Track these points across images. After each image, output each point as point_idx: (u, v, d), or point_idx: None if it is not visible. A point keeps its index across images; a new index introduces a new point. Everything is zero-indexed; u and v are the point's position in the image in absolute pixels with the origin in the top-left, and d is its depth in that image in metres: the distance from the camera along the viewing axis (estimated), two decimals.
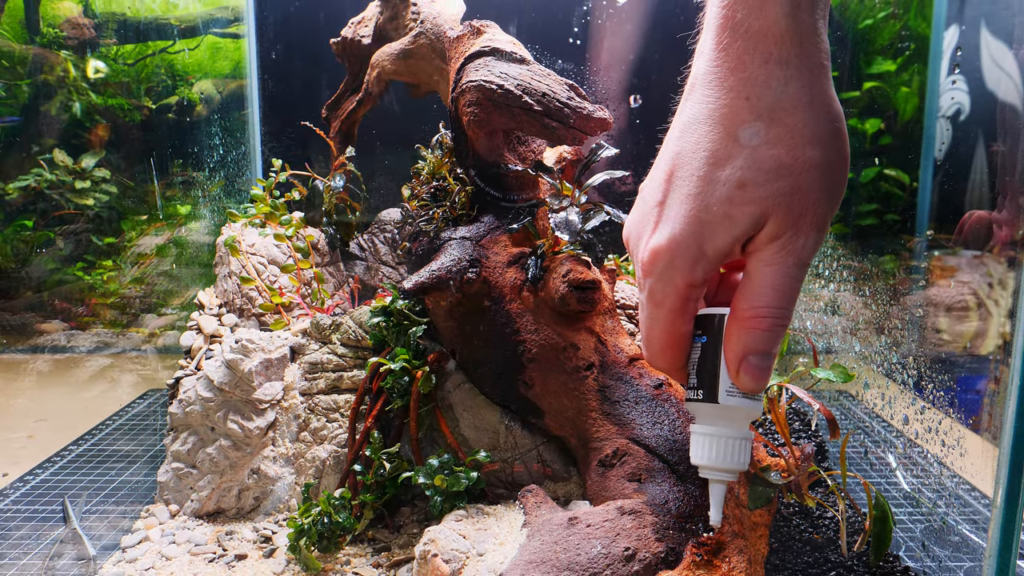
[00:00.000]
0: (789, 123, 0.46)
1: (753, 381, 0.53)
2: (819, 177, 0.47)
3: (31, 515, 1.17)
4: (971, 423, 1.03)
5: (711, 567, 0.76)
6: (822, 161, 0.47)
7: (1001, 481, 0.75)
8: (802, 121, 0.46)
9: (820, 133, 0.47)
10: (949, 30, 1.43)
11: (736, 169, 0.47)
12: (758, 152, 0.47)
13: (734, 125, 0.47)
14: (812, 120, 0.46)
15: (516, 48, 1.07)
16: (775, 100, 0.46)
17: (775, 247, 0.48)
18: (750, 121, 0.47)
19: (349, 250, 1.57)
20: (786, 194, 0.47)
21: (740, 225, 0.48)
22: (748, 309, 0.50)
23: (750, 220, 0.48)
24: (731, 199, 0.47)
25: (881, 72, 1.63)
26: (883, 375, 1.26)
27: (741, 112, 0.47)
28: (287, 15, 1.85)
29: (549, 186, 1.06)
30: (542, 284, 0.99)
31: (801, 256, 0.49)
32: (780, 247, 0.48)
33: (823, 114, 0.47)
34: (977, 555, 0.99)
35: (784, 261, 0.48)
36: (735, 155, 0.47)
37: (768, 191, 0.47)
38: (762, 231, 0.48)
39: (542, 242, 1.03)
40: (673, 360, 0.56)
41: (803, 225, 0.48)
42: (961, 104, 1.38)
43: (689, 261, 0.50)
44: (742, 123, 0.47)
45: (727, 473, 0.61)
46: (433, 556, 0.81)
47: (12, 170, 1.96)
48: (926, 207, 1.50)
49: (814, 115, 0.46)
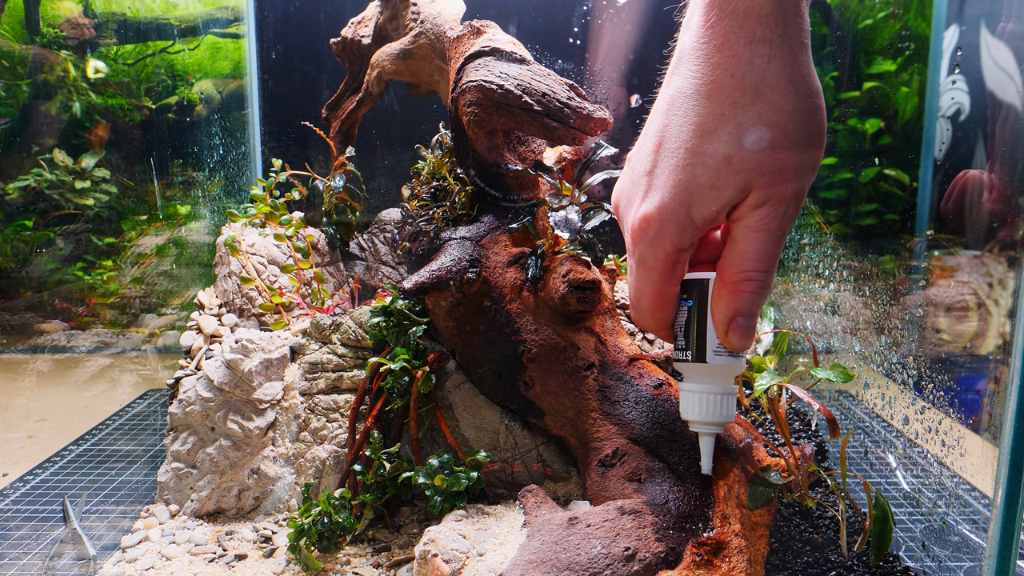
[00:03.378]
0: (772, 98, 0.49)
1: (741, 340, 0.57)
2: (800, 148, 0.50)
3: (31, 515, 1.17)
4: (971, 423, 1.03)
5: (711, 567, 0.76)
6: (802, 134, 0.50)
7: (1001, 481, 0.75)
8: (784, 97, 0.49)
9: (801, 108, 0.49)
10: (949, 30, 1.43)
11: (722, 142, 0.50)
12: (743, 126, 0.49)
13: (720, 100, 0.49)
14: (793, 96, 0.49)
15: (516, 48, 1.07)
16: (759, 77, 0.48)
17: (759, 214, 0.51)
18: (735, 96, 0.49)
19: (349, 250, 1.57)
20: (769, 165, 0.50)
21: (726, 194, 0.51)
22: (735, 274, 0.54)
23: (735, 189, 0.51)
24: (717, 170, 0.50)
25: (881, 72, 1.63)
26: (883, 375, 1.26)
27: (727, 88, 0.49)
28: (287, 15, 1.85)
29: (549, 186, 1.06)
30: (542, 284, 0.99)
31: (783, 222, 0.52)
32: (764, 214, 0.51)
33: (803, 90, 0.49)
34: (977, 555, 0.99)
35: (767, 227, 0.52)
36: (721, 128, 0.50)
37: (752, 162, 0.50)
38: (746, 199, 0.51)
39: (542, 242, 1.03)
40: (661, 320, 0.60)
41: (785, 193, 0.51)
42: (961, 104, 1.38)
43: (678, 228, 0.53)
44: (727, 98, 0.49)
45: (716, 426, 0.65)
46: (433, 556, 0.81)
47: (12, 170, 1.96)
48: (926, 207, 1.50)
49: (795, 91, 0.49)
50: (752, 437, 0.91)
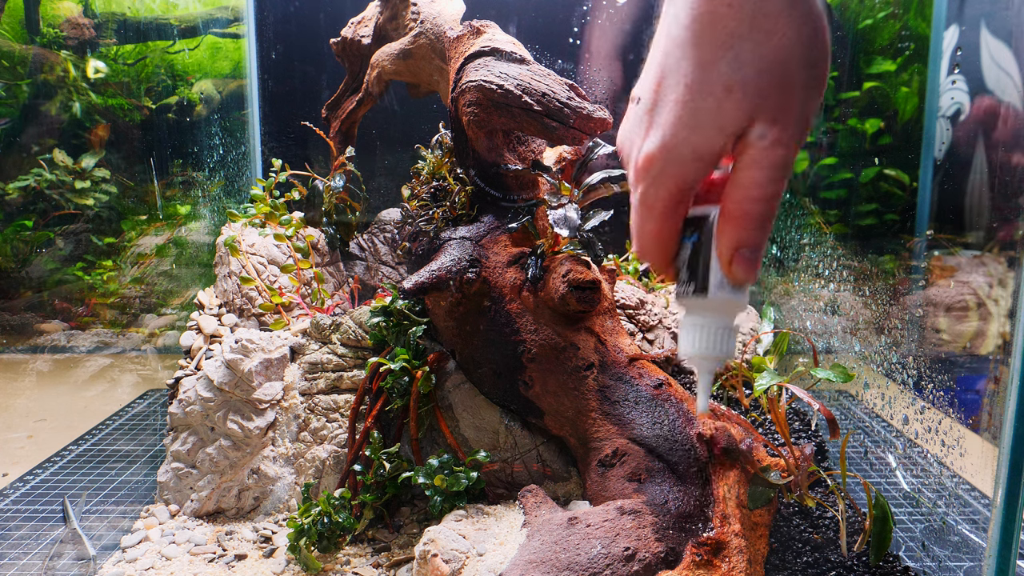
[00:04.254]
0: (770, 26, 0.49)
1: (744, 272, 0.57)
2: (802, 75, 0.50)
3: (31, 515, 1.17)
4: (971, 423, 1.03)
5: (711, 567, 0.76)
6: (805, 59, 0.50)
7: (1001, 481, 0.75)
8: (784, 23, 0.49)
9: (802, 33, 0.49)
10: (949, 30, 1.43)
11: (721, 74, 0.49)
12: (742, 56, 0.49)
13: (717, 30, 0.49)
14: (794, 21, 0.49)
15: (516, 48, 1.07)
16: (757, 4, 0.48)
17: (763, 144, 0.51)
18: (732, 27, 0.49)
19: (349, 250, 1.57)
20: (771, 93, 0.49)
21: (729, 126, 0.51)
22: (738, 206, 0.54)
23: (738, 121, 0.50)
24: (719, 102, 0.50)
25: (881, 72, 1.63)
26: (883, 375, 1.26)
27: (724, 18, 0.49)
28: (287, 15, 1.85)
29: (549, 186, 1.06)
30: (542, 284, 0.99)
31: (788, 152, 0.52)
32: (768, 144, 0.51)
33: (804, 14, 0.49)
34: (977, 555, 0.99)
35: (770, 158, 0.51)
36: (719, 59, 0.49)
37: (753, 91, 0.49)
38: (751, 130, 0.51)
39: (542, 242, 1.03)
40: (663, 257, 0.60)
41: (788, 121, 0.50)
42: (961, 104, 1.38)
43: (681, 165, 0.53)
44: (724, 28, 0.49)
45: (715, 361, 0.66)
46: (433, 556, 0.81)
47: (12, 170, 1.96)
48: (926, 207, 1.50)
49: (795, 16, 0.49)
50: (752, 437, 0.91)
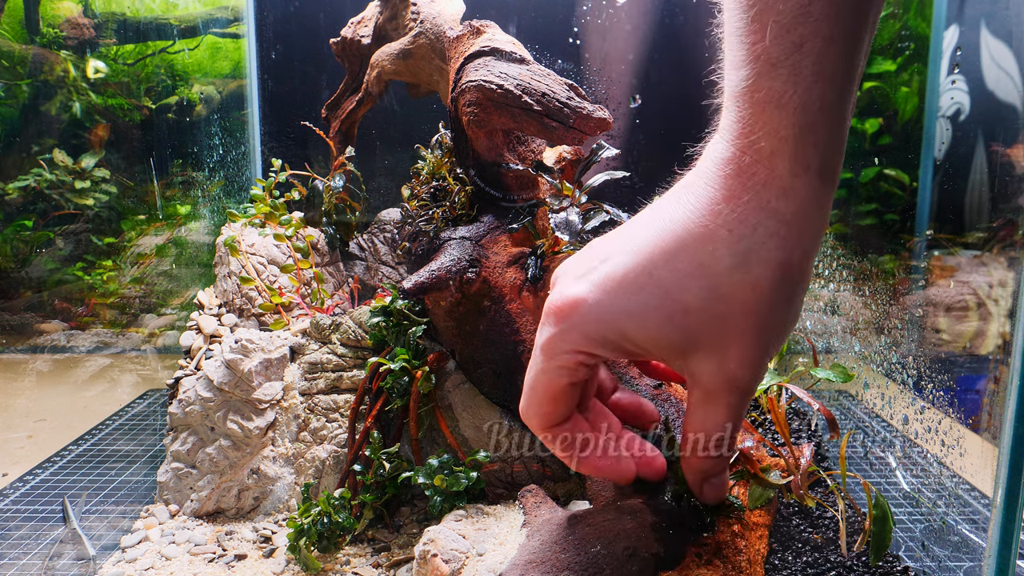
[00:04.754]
0: (757, 273, 0.46)
1: (716, 494, 0.57)
2: (764, 333, 0.48)
3: (31, 515, 1.17)
4: (971, 423, 1.03)
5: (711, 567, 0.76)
6: (772, 320, 0.47)
7: (1001, 481, 0.75)
8: (770, 278, 0.46)
9: (780, 294, 0.47)
10: (949, 30, 1.43)
11: (689, 293, 0.47)
12: (719, 288, 0.46)
13: (706, 249, 0.47)
14: (774, 282, 0.46)
15: (516, 48, 1.07)
16: (752, 246, 0.46)
17: (709, 382, 0.49)
18: (722, 254, 0.46)
19: (349, 250, 1.57)
20: (724, 336, 0.47)
21: (672, 338, 0.48)
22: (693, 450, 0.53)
23: (681, 342, 0.48)
24: (671, 314, 0.47)
25: (881, 72, 1.63)
26: (883, 375, 1.26)
27: (718, 242, 0.46)
28: (287, 15, 1.85)
29: (549, 186, 1.06)
30: (542, 284, 0.99)
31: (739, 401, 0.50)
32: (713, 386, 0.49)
33: (791, 276, 0.47)
34: (977, 555, 0.99)
35: (719, 399, 0.50)
36: (696, 277, 0.47)
37: (710, 325, 0.47)
38: (696, 364, 0.49)
39: (542, 242, 1.03)
40: (546, 417, 0.54)
41: (735, 369, 0.48)
42: (961, 104, 1.38)
43: (598, 338, 0.49)
44: (715, 252, 0.47)
45: None
46: (433, 556, 0.81)
47: (12, 170, 1.96)
48: (926, 207, 1.50)
49: (782, 277, 0.46)
50: (752, 437, 0.91)
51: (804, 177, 0.44)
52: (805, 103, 0.43)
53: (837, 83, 0.43)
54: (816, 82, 0.42)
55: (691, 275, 0.47)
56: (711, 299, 0.47)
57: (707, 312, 0.47)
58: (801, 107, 0.43)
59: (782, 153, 0.44)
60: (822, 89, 0.43)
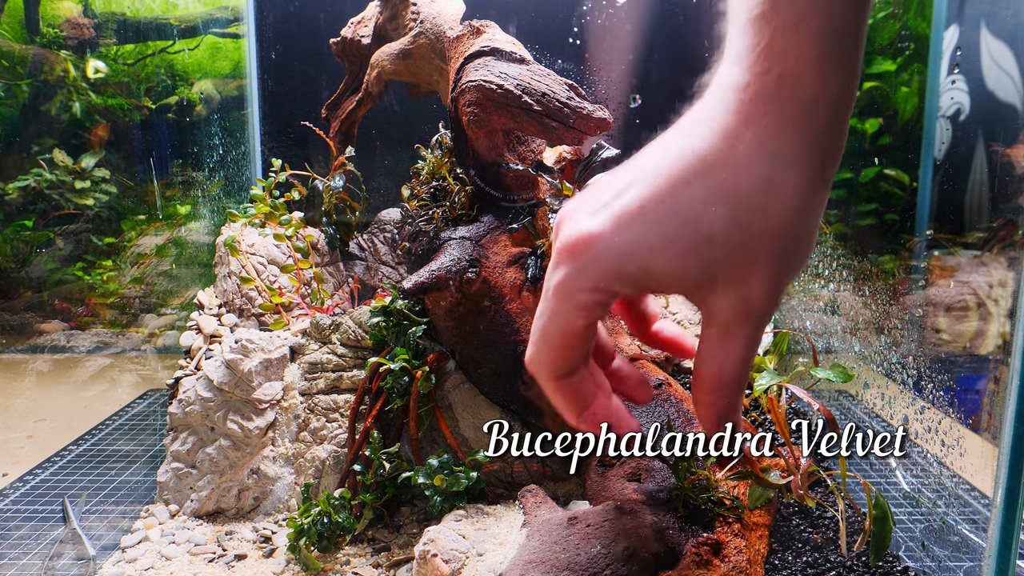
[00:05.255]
0: (777, 199, 0.46)
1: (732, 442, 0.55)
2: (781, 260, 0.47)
3: (31, 515, 1.17)
4: (971, 423, 1.03)
5: (711, 567, 0.76)
6: (790, 248, 0.47)
7: (1001, 481, 0.75)
8: (790, 205, 0.46)
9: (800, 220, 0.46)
10: (949, 30, 1.43)
11: (711, 221, 0.46)
12: (739, 216, 0.46)
13: (726, 176, 0.46)
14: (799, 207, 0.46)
15: (516, 48, 1.07)
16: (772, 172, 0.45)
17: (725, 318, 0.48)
18: (742, 181, 0.46)
19: (349, 250, 1.57)
20: (744, 266, 0.47)
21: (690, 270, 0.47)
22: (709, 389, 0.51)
23: (701, 273, 0.47)
24: (695, 245, 0.46)
25: (881, 72, 1.63)
26: (883, 375, 1.26)
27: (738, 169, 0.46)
28: (287, 15, 1.85)
29: (549, 186, 1.06)
30: (542, 284, 0.99)
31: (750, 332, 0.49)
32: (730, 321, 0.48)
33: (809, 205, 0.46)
34: (977, 555, 0.99)
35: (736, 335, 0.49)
36: (716, 205, 0.46)
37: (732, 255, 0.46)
38: (713, 299, 0.48)
39: (542, 242, 1.03)
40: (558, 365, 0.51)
41: (751, 307, 0.47)
42: (961, 104, 1.38)
43: (618, 272, 0.48)
44: (735, 179, 0.46)
45: None
46: (433, 556, 0.81)
47: (12, 170, 1.96)
48: (926, 207, 1.50)
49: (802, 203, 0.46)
50: None
51: (823, 100, 0.45)
52: (824, 26, 0.43)
53: (853, 6, 0.44)
54: (835, 3, 0.43)
55: (711, 203, 0.46)
56: (733, 227, 0.46)
57: (729, 241, 0.46)
58: (820, 30, 0.43)
59: (803, 76, 0.44)
60: (841, 11, 0.43)
